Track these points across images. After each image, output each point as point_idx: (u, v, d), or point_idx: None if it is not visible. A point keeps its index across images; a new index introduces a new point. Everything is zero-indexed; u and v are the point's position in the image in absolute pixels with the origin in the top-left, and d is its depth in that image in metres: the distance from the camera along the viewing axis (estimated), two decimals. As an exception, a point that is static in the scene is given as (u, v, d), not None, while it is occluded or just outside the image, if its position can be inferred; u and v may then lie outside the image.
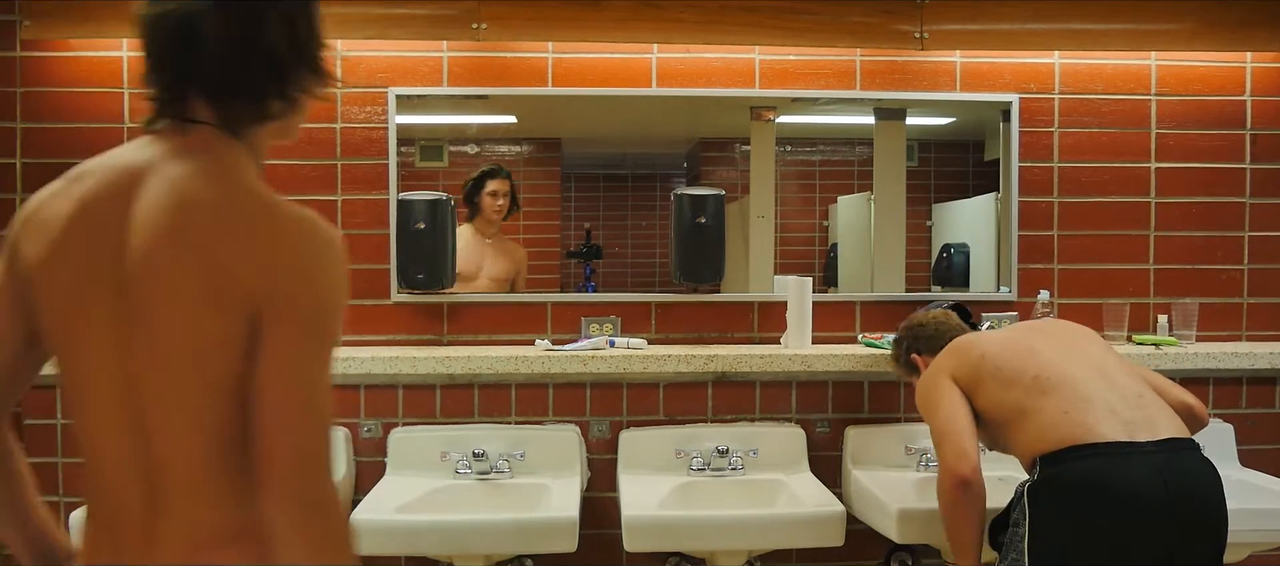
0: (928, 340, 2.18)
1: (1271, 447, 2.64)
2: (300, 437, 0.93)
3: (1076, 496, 1.64)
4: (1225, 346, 2.61)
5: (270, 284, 0.93)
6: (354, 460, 2.46)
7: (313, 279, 0.96)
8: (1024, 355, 1.84)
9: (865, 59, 2.63)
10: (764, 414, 2.54)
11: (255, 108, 1.02)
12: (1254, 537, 2.16)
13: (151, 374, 0.96)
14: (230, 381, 0.94)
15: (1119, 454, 1.63)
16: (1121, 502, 1.60)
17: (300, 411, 0.93)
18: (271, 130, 1.07)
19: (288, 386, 0.93)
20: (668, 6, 2.49)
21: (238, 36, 0.99)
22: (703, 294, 2.64)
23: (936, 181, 2.76)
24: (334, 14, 2.47)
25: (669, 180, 2.73)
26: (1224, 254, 2.72)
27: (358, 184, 2.56)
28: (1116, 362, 1.85)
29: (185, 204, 0.95)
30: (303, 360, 0.94)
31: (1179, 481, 1.62)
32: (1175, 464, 1.64)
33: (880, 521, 2.22)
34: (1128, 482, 1.61)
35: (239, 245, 0.94)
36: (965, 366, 1.92)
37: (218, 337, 0.93)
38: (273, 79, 1.02)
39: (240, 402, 0.94)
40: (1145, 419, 1.70)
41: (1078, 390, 1.74)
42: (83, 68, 2.51)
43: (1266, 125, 2.72)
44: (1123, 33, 2.60)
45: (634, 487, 2.30)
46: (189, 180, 0.97)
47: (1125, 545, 1.60)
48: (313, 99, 1.08)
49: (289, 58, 1.02)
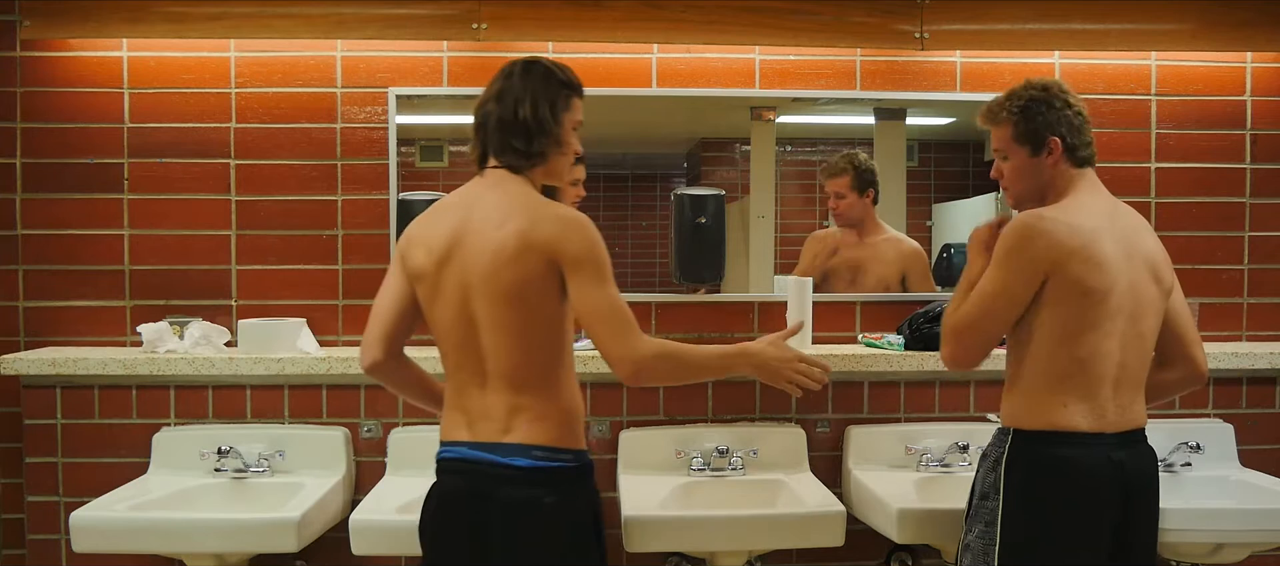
0: (1077, 134, 1.83)
1: (1271, 447, 2.64)
2: (608, 331, 1.57)
3: (1043, 477, 1.76)
4: (1225, 346, 2.61)
5: (557, 242, 1.57)
6: (354, 460, 2.46)
7: (580, 238, 1.59)
8: (1090, 327, 1.72)
9: (865, 59, 2.63)
10: (764, 414, 2.54)
11: (519, 159, 1.64)
12: (1254, 537, 2.16)
13: (482, 305, 1.59)
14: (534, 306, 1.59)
15: (1084, 443, 1.75)
16: (1079, 487, 1.75)
17: (603, 318, 1.57)
18: (539, 172, 1.67)
19: (593, 305, 1.57)
20: (668, 6, 2.49)
21: (504, 118, 1.64)
22: (703, 294, 2.64)
23: (937, 181, 2.76)
24: (334, 14, 2.49)
25: (669, 180, 2.73)
26: (1224, 254, 2.72)
27: (358, 184, 2.56)
28: (1139, 366, 1.82)
29: (491, 204, 1.62)
30: (595, 288, 1.58)
31: (1130, 468, 1.77)
32: (1130, 455, 1.78)
33: (880, 521, 2.22)
34: (1087, 470, 1.75)
35: (529, 219, 1.58)
36: (1064, 288, 1.71)
37: (521, 277, 1.56)
38: (523, 141, 1.63)
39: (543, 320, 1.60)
40: (1125, 419, 1.79)
41: (1090, 389, 1.75)
42: (83, 68, 2.51)
43: (1266, 125, 2.72)
44: (1123, 33, 2.60)
45: (634, 487, 2.30)
46: (489, 193, 1.64)
47: (1081, 523, 1.75)
48: (559, 156, 1.68)
49: (534, 129, 1.63)
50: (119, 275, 2.53)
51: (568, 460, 1.62)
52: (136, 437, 2.43)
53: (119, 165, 2.52)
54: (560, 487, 1.62)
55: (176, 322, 2.47)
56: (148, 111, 2.52)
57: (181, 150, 2.53)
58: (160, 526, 2.07)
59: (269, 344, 2.42)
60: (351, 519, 2.06)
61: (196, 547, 2.07)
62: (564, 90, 1.66)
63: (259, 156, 2.54)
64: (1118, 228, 1.79)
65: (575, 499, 1.64)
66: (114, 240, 2.53)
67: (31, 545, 2.46)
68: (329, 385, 2.47)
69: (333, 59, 2.54)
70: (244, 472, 2.38)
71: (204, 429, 2.43)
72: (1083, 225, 1.73)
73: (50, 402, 2.44)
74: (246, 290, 2.55)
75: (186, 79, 2.52)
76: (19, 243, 2.52)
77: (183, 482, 2.34)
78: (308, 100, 2.54)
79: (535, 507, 1.59)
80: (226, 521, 2.09)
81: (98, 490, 2.26)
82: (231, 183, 2.54)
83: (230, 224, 2.54)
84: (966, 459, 2.45)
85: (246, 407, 2.47)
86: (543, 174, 1.67)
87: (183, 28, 2.43)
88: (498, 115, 1.63)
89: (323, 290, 2.55)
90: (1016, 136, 1.84)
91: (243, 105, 2.53)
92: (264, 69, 2.53)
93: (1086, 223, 1.74)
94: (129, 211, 2.53)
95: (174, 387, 2.45)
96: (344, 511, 2.36)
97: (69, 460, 2.45)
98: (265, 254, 2.55)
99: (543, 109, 1.62)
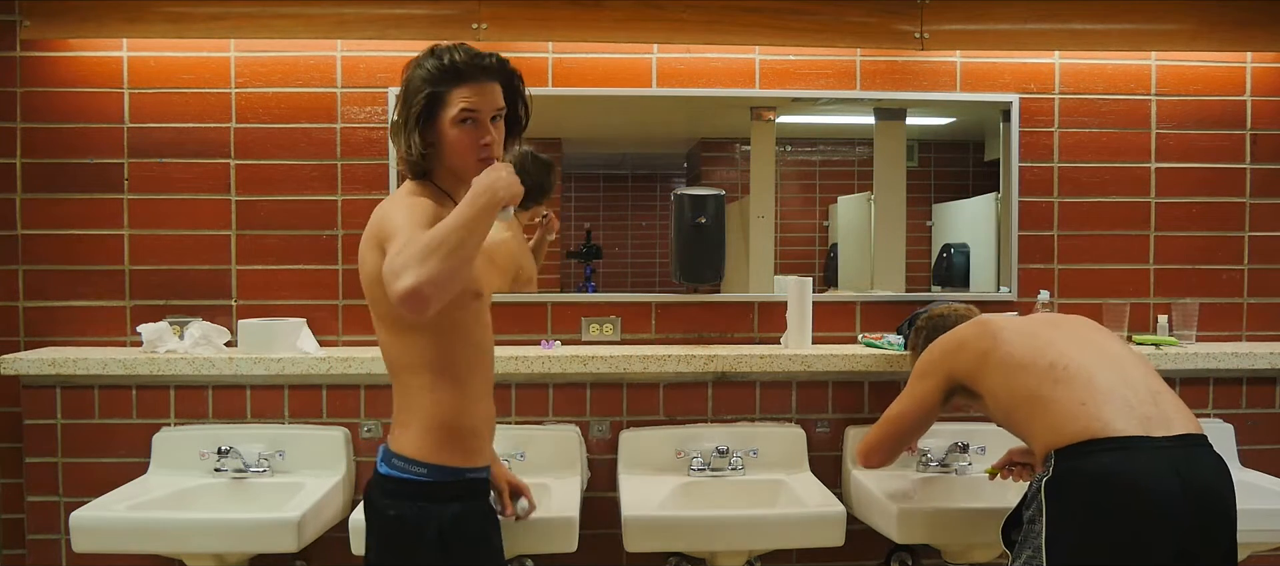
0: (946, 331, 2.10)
1: (1271, 447, 2.63)
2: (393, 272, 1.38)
3: (1093, 492, 1.63)
4: (1225, 346, 2.61)
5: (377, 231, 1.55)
6: (354, 460, 2.46)
7: (377, 214, 1.57)
8: (1041, 343, 1.83)
9: (865, 59, 2.63)
10: (764, 414, 2.54)
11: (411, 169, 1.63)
12: (1254, 537, 2.16)
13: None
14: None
15: (1135, 449, 1.62)
16: (1138, 499, 1.60)
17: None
18: (438, 172, 1.64)
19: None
20: (668, 6, 2.49)
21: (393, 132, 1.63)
22: (703, 294, 2.64)
23: (937, 181, 2.76)
24: (334, 14, 2.49)
25: (669, 180, 2.73)
26: (1224, 254, 2.72)
27: (358, 184, 2.56)
28: (1132, 358, 1.84)
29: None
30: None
31: (1194, 477, 1.61)
32: (1190, 459, 1.64)
33: (880, 521, 2.22)
34: (1144, 479, 1.60)
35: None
36: (971, 352, 1.93)
37: (369, 276, 1.56)
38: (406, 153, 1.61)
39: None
40: (1160, 414, 1.69)
41: (1093, 382, 1.72)
42: (83, 68, 2.51)
43: (1266, 125, 2.72)
44: (1123, 33, 2.61)
45: (634, 488, 2.30)
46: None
47: (1142, 541, 1.59)
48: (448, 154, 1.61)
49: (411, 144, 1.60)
50: (119, 275, 2.53)
51: (421, 474, 1.58)
52: (136, 437, 2.43)
53: (119, 165, 2.52)
54: (403, 502, 1.58)
55: (176, 322, 2.47)
56: (148, 111, 2.52)
57: (181, 150, 2.53)
58: (160, 526, 2.07)
59: (269, 344, 2.42)
60: (351, 519, 2.06)
61: (196, 548, 2.07)
62: (428, 91, 1.55)
63: (259, 156, 2.54)
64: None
65: (422, 514, 1.58)
66: (114, 240, 2.53)
67: (31, 545, 2.46)
68: (329, 385, 2.47)
69: (333, 59, 2.54)
70: (244, 473, 2.38)
71: (204, 429, 2.43)
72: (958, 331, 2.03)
73: (50, 402, 2.44)
74: (246, 290, 2.55)
75: (186, 79, 2.52)
76: (19, 243, 2.52)
77: (182, 483, 2.34)
78: (308, 100, 2.54)
79: (381, 516, 1.61)
80: (226, 521, 2.09)
81: (98, 490, 2.26)
82: (231, 183, 2.54)
83: (230, 224, 2.54)
84: (967, 459, 2.45)
85: (246, 407, 2.47)
86: (443, 173, 1.63)
87: (183, 28, 2.43)
88: (391, 125, 1.64)
89: (323, 290, 2.55)
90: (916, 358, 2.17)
91: (243, 105, 2.53)
92: (264, 69, 2.53)
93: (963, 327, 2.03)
94: (129, 211, 2.53)
95: (174, 387, 2.45)
96: (344, 511, 2.36)
97: (69, 460, 2.45)
98: (265, 254, 2.55)
99: (411, 127, 1.57)
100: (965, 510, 2.17)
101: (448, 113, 1.56)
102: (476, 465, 1.65)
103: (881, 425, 2.07)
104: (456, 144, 1.56)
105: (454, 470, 1.61)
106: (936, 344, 2.05)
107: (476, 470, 1.65)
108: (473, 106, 1.55)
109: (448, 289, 1.37)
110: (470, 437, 1.63)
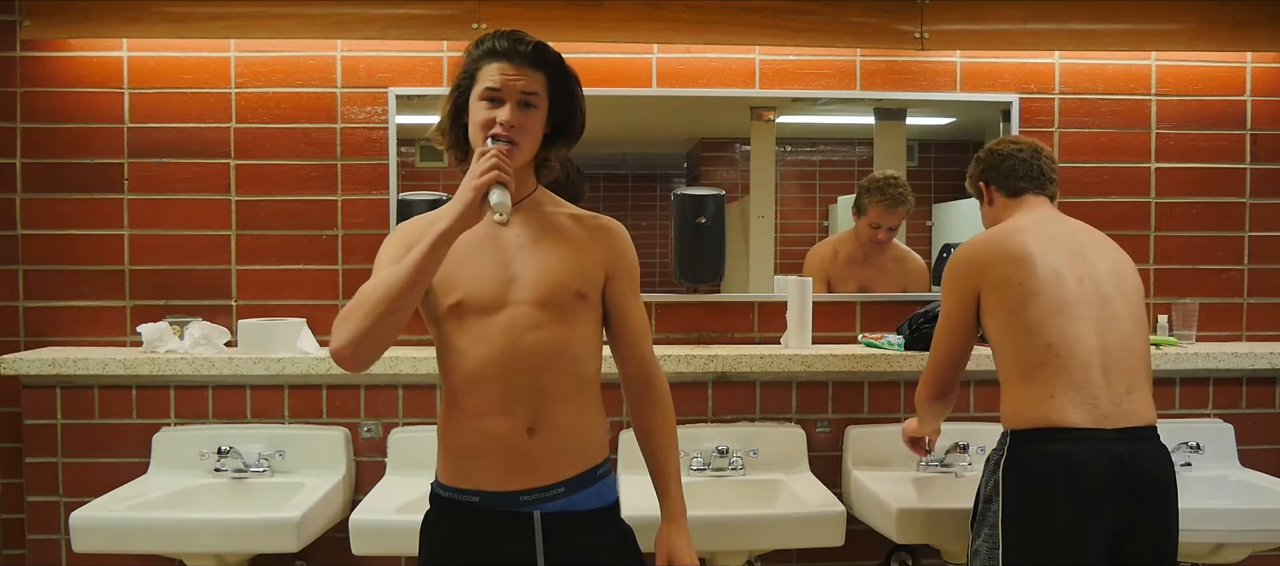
0: (1004, 176, 2.03)
1: (1271, 447, 2.63)
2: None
3: (1042, 477, 1.76)
4: (1225, 346, 2.61)
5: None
6: (354, 460, 2.46)
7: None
8: (1052, 313, 1.81)
9: (865, 59, 2.63)
10: (764, 414, 2.53)
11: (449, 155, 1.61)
12: (1254, 537, 2.16)
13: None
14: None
15: (1082, 439, 1.74)
16: (1080, 484, 1.73)
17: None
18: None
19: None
20: (668, 6, 2.49)
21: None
22: (703, 294, 2.64)
23: (936, 181, 2.76)
24: (334, 14, 2.49)
25: (669, 180, 2.73)
26: (1224, 254, 2.72)
27: (358, 184, 2.56)
28: (1130, 343, 1.83)
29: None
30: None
31: (1133, 465, 1.74)
32: (1133, 451, 1.75)
33: (880, 521, 2.22)
34: (1086, 467, 1.73)
35: None
36: (997, 291, 1.87)
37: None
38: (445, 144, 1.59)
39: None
40: (1123, 412, 1.77)
41: (1073, 377, 1.77)
42: (83, 68, 2.51)
43: (1266, 125, 2.72)
44: (1123, 33, 2.60)
45: (634, 488, 2.29)
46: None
47: (1084, 523, 1.73)
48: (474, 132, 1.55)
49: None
50: (119, 275, 2.53)
51: (432, 495, 1.61)
52: (136, 437, 2.43)
53: (119, 165, 2.52)
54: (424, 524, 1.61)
55: (176, 322, 2.47)
56: (148, 111, 2.52)
57: (181, 150, 2.53)
58: (160, 526, 2.07)
59: (269, 344, 2.42)
60: (351, 519, 2.06)
61: (196, 547, 2.07)
62: (465, 66, 1.55)
63: (259, 156, 2.54)
64: (1052, 230, 1.92)
65: (428, 537, 1.60)
66: (114, 240, 2.53)
67: (31, 545, 2.46)
68: (329, 385, 2.47)
69: (333, 59, 2.54)
70: (244, 472, 2.38)
71: (204, 429, 2.43)
72: (998, 234, 1.93)
73: (50, 402, 2.44)
74: (246, 290, 2.55)
75: (186, 79, 2.52)
76: (19, 243, 2.52)
77: (182, 482, 2.34)
78: (308, 100, 2.54)
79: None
80: (226, 521, 2.09)
81: (98, 490, 2.26)
82: (231, 182, 2.54)
83: (230, 224, 2.54)
84: (967, 459, 2.45)
85: (246, 407, 2.47)
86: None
87: (183, 28, 2.43)
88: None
89: (323, 290, 2.55)
90: (972, 192, 2.13)
91: (243, 105, 2.53)
92: (264, 69, 2.53)
93: (1004, 231, 1.93)
94: (129, 211, 2.53)
95: (174, 387, 2.45)
96: (344, 511, 2.36)
97: (69, 460, 2.45)
98: (265, 254, 2.55)
99: (448, 103, 1.56)
100: (965, 510, 2.16)
101: (476, 87, 1.52)
102: (464, 486, 1.53)
103: (932, 350, 2.03)
104: (473, 119, 1.51)
105: (441, 485, 1.59)
106: (964, 254, 1.95)
107: (464, 492, 1.53)
108: (497, 84, 1.50)
109: (370, 347, 1.42)
110: (461, 457, 1.54)
